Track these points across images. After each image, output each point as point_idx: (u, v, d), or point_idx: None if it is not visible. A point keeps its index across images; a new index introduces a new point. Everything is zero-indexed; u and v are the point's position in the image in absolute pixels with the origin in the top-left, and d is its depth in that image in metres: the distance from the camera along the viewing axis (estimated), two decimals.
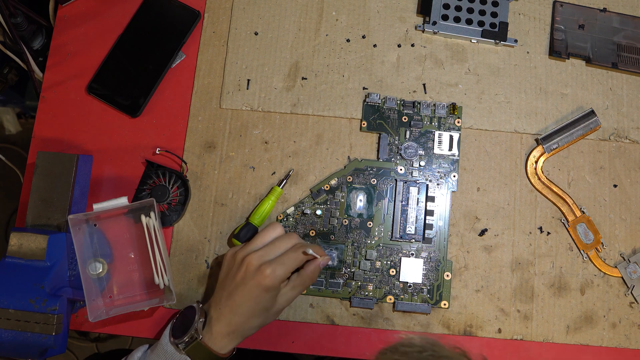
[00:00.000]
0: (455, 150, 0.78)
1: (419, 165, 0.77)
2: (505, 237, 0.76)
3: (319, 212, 0.76)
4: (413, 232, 0.75)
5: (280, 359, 0.99)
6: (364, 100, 0.79)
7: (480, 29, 0.81)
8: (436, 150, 0.78)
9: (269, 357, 0.96)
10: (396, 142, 0.78)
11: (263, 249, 0.67)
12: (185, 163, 0.77)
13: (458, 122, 0.78)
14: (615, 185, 0.78)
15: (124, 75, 0.80)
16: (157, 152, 0.77)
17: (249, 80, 0.80)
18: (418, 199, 0.76)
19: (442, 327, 0.73)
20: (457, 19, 0.81)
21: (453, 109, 0.78)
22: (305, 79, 0.80)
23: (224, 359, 0.66)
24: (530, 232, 0.76)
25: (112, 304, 0.71)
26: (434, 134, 0.78)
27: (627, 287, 0.75)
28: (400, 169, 0.77)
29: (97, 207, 0.69)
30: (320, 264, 0.68)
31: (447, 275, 0.74)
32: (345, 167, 0.77)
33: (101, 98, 0.79)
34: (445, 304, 0.74)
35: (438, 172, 0.77)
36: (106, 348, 1.44)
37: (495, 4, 0.81)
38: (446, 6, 0.81)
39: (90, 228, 0.72)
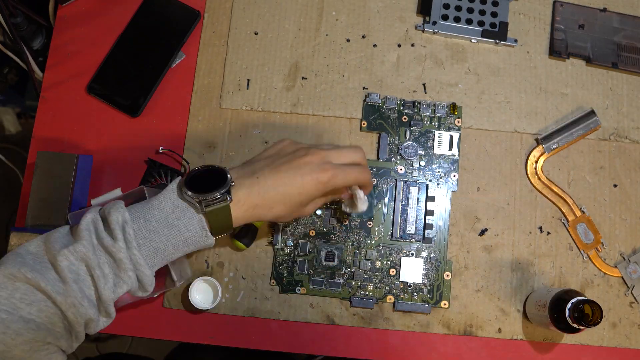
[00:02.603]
0: (455, 150, 0.78)
1: (419, 165, 0.77)
2: (505, 237, 0.76)
3: (319, 212, 0.76)
4: (413, 232, 0.75)
5: (273, 358, 0.99)
6: (364, 100, 0.79)
7: (480, 28, 0.81)
8: (436, 150, 0.78)
9: (264, 357, 0.96)
10: (396, 142, 0.78)
11: (330, 150, 0.63)
12: (188, 163, 0.77)
13: (458, 122, 0.78)
14: (615, 185, 0.78)
15: (124, 75, 0.80)
16: (160, 150, 0.77)
17: (249, 80, 0.80)
18: (418, 198, 0.76)
19: (442, 327, 0.73)
20: (457, 19, 0.81)
21: (453, 108, 0.78)
22: (305, 79, 0.80)
23: (229, 232, 0.61)
24: (530, 232, 0.76)
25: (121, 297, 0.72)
26: (434, 134, 0.78)
27: (627, 287, 0.75)
28: (400, 169, 0.77)
29: (94, 201, 0.70)
30: (359, 197, 0.67)
31: (447, 275, 0.74)
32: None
33: (101, 98, 0.79)
34: (445, 304, 0.74)
35: (438, 172, 0.77)
36: (106, 348, 1.44)
37: (495, 4, 0.81)
38: (446, 6, 0.81)
39: None
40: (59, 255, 0.52)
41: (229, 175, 0.58)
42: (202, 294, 0.73)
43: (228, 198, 0.58)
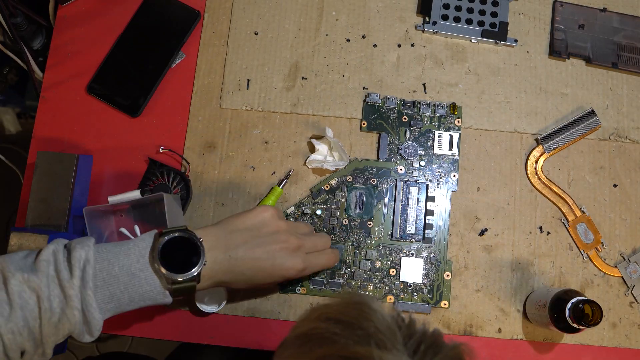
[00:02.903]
0: (455, 150, 0.78)
1: (419, 165, 0.77)
2: (505, 237, 0.76)
3: (319, 212, 0.76)
4: (413, 232, 0.75)
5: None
6: (364, 100, 0.79)
7: (480, 28, 0.81)
8: (436, 150, 0.78)
9: (264, 357, 0.96)
10: (396, 142, 0.78)
11: (306, 239, 0.65)
12: (188, 163, 0.77)
13: (458, 122, 0.78)
14: (615, 185, 0.78)
15: (124, 75, 0.80)
16: (160, 150, 0.77)
17: (249, 80, 0.80)
18: (418, 198, 0.76)
19: (442, 326, 0.73)
20: (457, 19, 0.81)
21: (453, 108, 0.78)
22: (305, 79, 0.80)
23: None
24: (530, 232, 0.76)
25: None
26: (434, 134, 0.78)
27: (627, 287, 0.75)
28: (400, 169, 0.77)
29: (111, 199, 0.70)
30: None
31: (447, 275, 0.74)
32: (345, 167, 0.77)
33: (101, 98, 0.79)
34: (445, 304, 0.74)
35: (438, 172, 0.77)
36: (106, 348, 1.44)
37: (495, 4, 0.81)
38: (446, 6, 0.81)
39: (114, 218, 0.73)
40: (13, 278, 0.52)
41: (202, 259, 0.58)
42: (208, 297, 0.72)
43: (197, 281, 0.58)
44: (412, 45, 0.81)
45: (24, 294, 0.52)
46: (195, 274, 0.58)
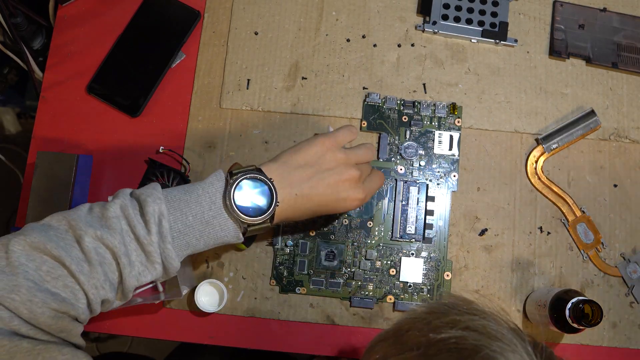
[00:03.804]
0: (455, 150, 0.78)
1: (419, 165, 0.77)
2: (505, 237, 0.76)
3: None
4: (413, 231, 0.75)
5: (273, 358, 0.99)
6: (364, 100, 0.79)
7: (480, 28, 0.81)
8: (436, 150, 0.78)
9: (264, 357, 0.96)
10: (396, 142, 0.78)
11: (363, 166, 0.65)
12: (188, 163, 0.77)
13: (458, 122, 0.78)
14: (615, 185, 0.78)
15: (124, 75, 0.80)
16: (160, 150, 0.77)
17: (249, 80, 0.80)
18: (418, 198, 0.76)
19: None
20: (457, 19, 0.81)
21: (453, 108, 0.78)
22: (305, 78, 0.80)
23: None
24: (530, 232, 0.76)
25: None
26: (434, 134, 0.78)
27: (627, 287, 0.75)
28: (400, 169, 0.77)
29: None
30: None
31: (447, 275, 0.74)
32: None
33: (101, 98, 0.79)
34: None
35: (438, 171, 0.77)
36: (106, 348, 1.44)
37: (495, 4, 0.81)
38: (446, 6, 0.81)
39: None
40: (86, 235, 0.53)
41: (275, 199, 0.59)
42: (207, 297, 0.72)
43: (270, 223, 0.59)
44: (412, 45, 0.81)
45: (99, 249, 0.53)
46: (270, 215, 0.59)
